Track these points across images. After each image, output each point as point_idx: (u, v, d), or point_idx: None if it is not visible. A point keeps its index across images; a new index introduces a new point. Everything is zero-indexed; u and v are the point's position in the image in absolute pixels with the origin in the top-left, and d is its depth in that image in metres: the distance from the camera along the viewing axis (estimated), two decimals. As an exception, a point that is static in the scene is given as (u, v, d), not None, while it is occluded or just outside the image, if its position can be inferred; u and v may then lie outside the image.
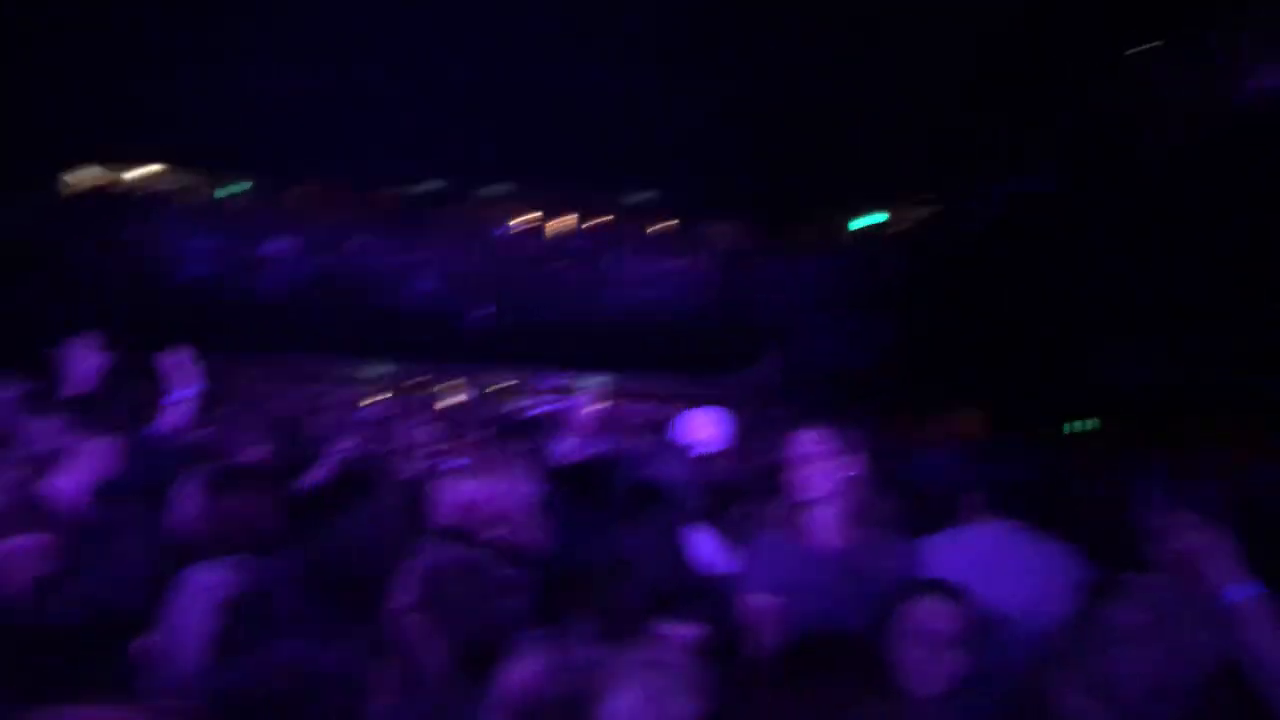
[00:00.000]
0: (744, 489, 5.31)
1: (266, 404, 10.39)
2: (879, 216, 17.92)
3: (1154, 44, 10.80)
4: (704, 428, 4.56)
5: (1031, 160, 12.16)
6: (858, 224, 17.80)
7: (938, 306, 12.36)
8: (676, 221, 18.57)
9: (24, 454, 3.13)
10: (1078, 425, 10.73)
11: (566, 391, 15.22)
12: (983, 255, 12.12)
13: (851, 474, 3.15)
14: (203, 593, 2.36)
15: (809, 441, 3.23)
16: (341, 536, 3.11)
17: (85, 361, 4.29)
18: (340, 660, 1.54)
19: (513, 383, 15.58)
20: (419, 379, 15.35)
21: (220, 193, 18.49)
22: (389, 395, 13.50)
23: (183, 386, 4.59)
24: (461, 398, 13.06)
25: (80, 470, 3.16)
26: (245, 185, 18.87)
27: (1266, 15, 9.12)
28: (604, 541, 3.19)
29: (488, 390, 14.82)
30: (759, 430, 9.47)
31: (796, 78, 15.64)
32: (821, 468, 3.14)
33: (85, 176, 18.39)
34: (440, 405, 12.40)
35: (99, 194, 16.85)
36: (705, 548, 3.57)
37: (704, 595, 2.65)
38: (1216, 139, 9.03)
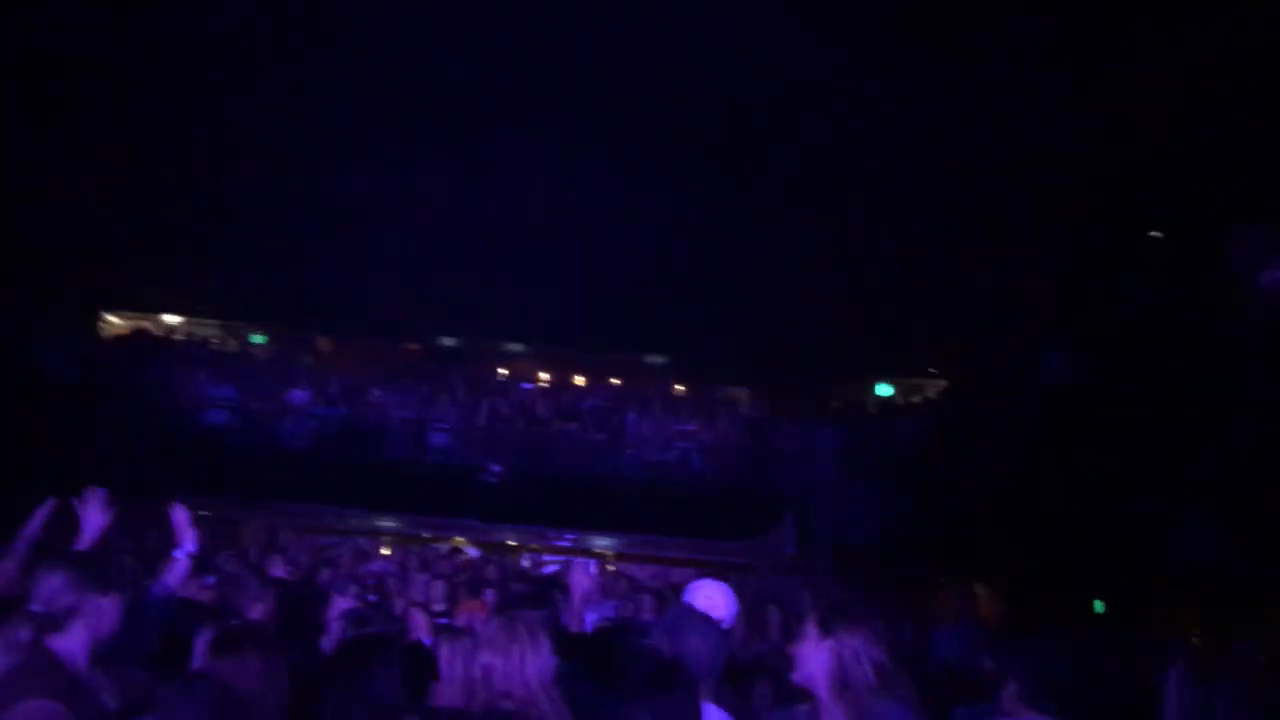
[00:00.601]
0: (752, 666, 5.15)
1: (273, 557, 10.28)
2: (888, 389, 18.05)
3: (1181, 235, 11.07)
4: (710, 601, 4.42)
5: (1056, 338, 12.28)
6: (880, 393, 17.91)
7: (957, 480, 12.27)
8: (693, 386, 18.72)
9: (32, 611, 3.09)
10: (1100, 606, 10.48)
11: (577, 552, 15.03)
12: (1004, 431, 12.10)
13: (860, 655, 3.09)
14: None
15: (813, 622, 3.19)
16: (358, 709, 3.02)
17: (95, 515, 4.29)
18: None
19: (523, 541, 15.40)
20: (429, 534, 15.19)
21: (243, 342, 18.84)
22: (399, 549, 13.34)
23: (187, 542, 4.59)
24: (471, 555, 12.88)
25: (85, 629, 3.11)
26: (267, 336, 19.26)
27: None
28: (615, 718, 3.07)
29: (498, 547, 14.64)
30: (770, 601, 9.29)
31: (816, 251, 16.05)
32: (827, 649, 3.09)
33: (121, 322, 18.81)
34: (449, 562, 12.23)
35: (131, 339, 17.15)
36: (718, 729, 3.43)
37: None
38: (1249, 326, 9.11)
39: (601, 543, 15.04)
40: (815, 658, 3.09)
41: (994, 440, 12.16)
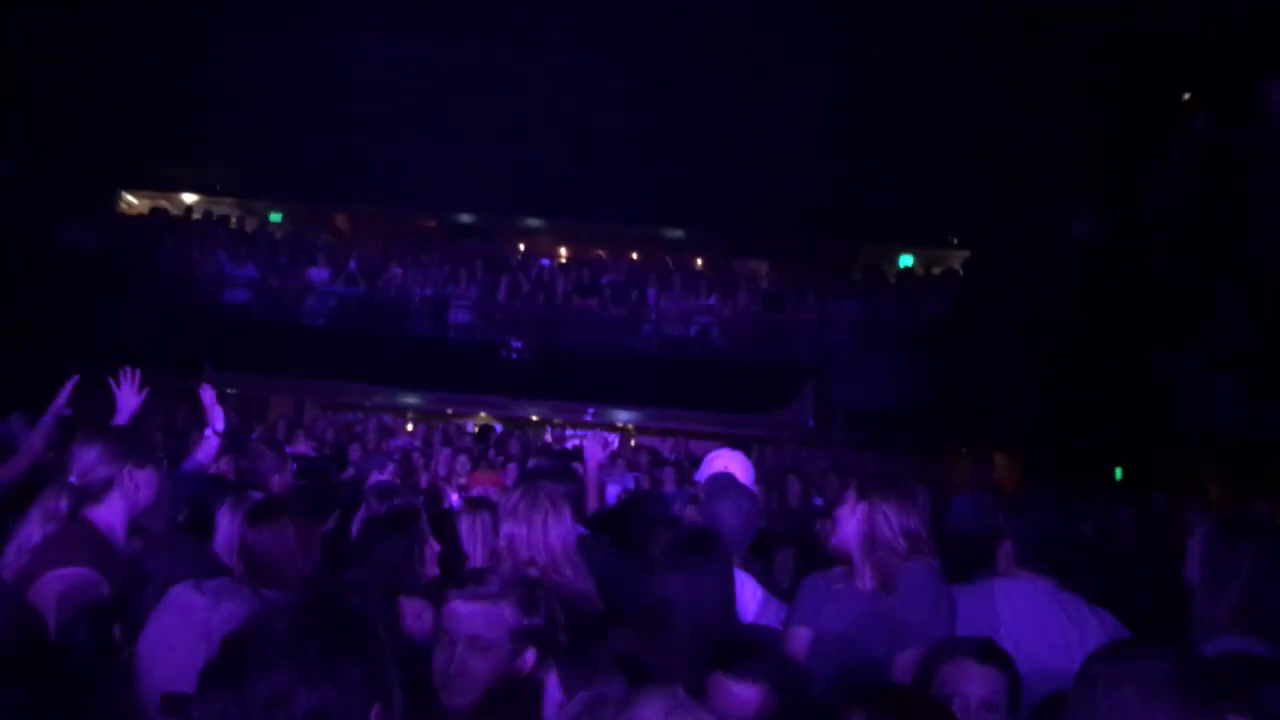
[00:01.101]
0: (773, 534, 5.24)
1: (299, 433, 10.48)
2: (909, 259, 17.86)
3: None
4: (728, 470, 4.46)
5: (1078, 203, 12.05)
6: (901, 264, 17.73)
7: (977, 351, 12.24)
8: (712, 259, 18.59)
9: (69, 483, 3.15)
10: (1120, 473, 10.55)
11: (598, 426, 15.22)
12: (1025, 300, 12.00)
13: (892, 520, 3.15)
14: (181, 613, 2.30)
15: (847, 487, 3.31)
16: (364, 574, 3.09)
17: (130, 395, 4.34)
18: (325, 699, 1.51)
19: (545, 416, 15.58)
20: (452, 410, 15.39)
21: (261, 220, 18.76)
22: (422, 425, 13.54)
23: (215, 419, 4.66)
24: (494, 429, 13.08)
25: (123, 500, 3.17)
26: (288, 212, 19.16)
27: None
28: (648, 585, 3.13)
29: (520, 423, 14.84)
30: (791, 472, 9.42)
31: (837, 116, 15.70)
32: (861, 512, 3.18)
33: (140, 200, 18.76)
34: (472, 436, 12.42)
35: (152, 217, 17.12)
36: (747, 595, 3.51)
37: (755, 649, 2.58)
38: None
39: (623, 417, 15.20)
40: (850, 521, 3.19)
41: (1014, 309, 12.09)
